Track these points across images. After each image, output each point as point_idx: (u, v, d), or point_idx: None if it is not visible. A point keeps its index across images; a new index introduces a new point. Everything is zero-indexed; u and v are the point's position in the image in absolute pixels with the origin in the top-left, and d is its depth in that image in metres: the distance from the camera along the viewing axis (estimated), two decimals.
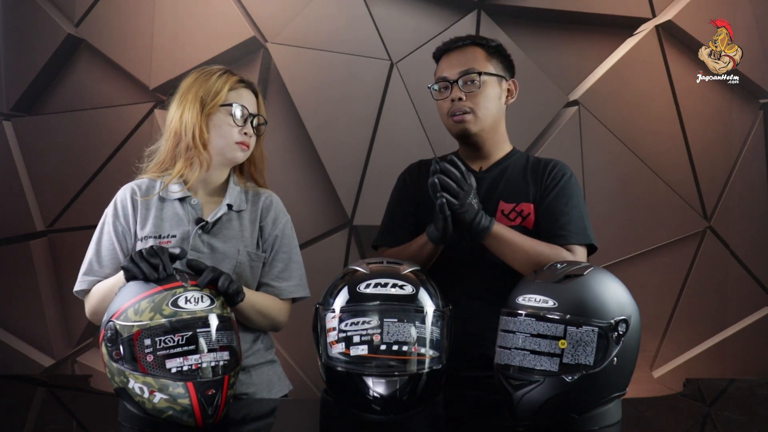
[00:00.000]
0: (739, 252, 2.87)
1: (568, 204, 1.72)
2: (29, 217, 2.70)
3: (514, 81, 1.81)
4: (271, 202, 1.76)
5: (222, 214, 1.68)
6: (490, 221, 1.60)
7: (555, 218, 1.71)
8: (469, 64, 1.73)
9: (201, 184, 1.70)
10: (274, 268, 1.73)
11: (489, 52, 1.77)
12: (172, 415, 1.30)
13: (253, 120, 1.66)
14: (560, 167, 1.78)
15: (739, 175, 2.86)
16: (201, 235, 1.66)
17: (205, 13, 2.69)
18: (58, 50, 2.67)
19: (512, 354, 1.30)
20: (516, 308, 1.33)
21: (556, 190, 1.74)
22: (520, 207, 1.74)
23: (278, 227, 1.75)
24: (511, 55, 1.81)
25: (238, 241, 1.68)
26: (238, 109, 1.63)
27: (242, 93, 1.67)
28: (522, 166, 1.80)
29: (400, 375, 1.28)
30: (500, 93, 1.77)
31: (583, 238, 1.70)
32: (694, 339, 2.88)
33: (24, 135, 2.70)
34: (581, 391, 1.27)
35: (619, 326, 1.29)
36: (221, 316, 1.36)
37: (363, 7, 2.71)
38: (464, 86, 1.72)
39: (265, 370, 1.74)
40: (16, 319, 2.70)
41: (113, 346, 1.32)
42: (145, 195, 1.68)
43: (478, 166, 1.81)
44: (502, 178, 1.78)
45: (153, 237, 1.64)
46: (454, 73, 1.73)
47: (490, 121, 1.75)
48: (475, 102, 1.72)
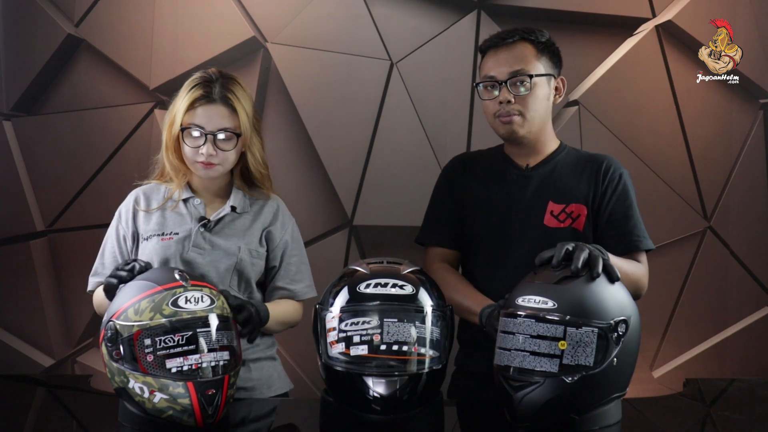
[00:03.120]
0: (739, 252, 2.87)
1: (630, 207, 1.68)
2: (29, 217, 2.70)
3: (562, 79, 1.74)
4: (277, 207, 1.78)
5: (225, 214, 1.71)
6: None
7: (621, 224, 1.67)
8: (519, 63, 1.65)
9: (203, 187, 1.73)
10: (289, 272, 1.77)
11: (539, 49, 1.68)
12: (172, 415, 1.31)
13: (216, 135, 1.61)
14: (615, 166, 1.71)
15: (739, 175, 2.86)
16: (203, 232, 1.68)
17: (205, 13, 2.69)
18: (58, 50, 2.67)
19: (512, 355, 1.30)
20: (515, 309, 1.33)
21: (617, 194, 1.68)
22: (570, 208, 1.68)
23: (287, 232, 1.77)
24: (560, 49, 1.74)
25: (239, 239, 1.70)
26: (193, 131, 1.62)
27: (199, 112, 1.62)
28: (572, 163, 1.73)
29: (400, 375, 1.28)
30: (549, 93, 1.70)
31: (648, 242, 1.68)
32: (694, 339, 2.88)
33: (24, 135, 2.70)
34: (581, 392, 1.27)
35: (619, 327, 1.28)
36: (221, 316, 1.37)
37: (363, 7, 2.71)
38: (513, 88, 1.64)
39: (265, 366, 1.75)
40: (16, 319, 2.70)
41: (113, 346, 1.32)
42: (149, 199, 1.74)
43: (524, 162, 1.74)
44: (551, 177, 1.71)
45: (156, 235, 1.68)
46: (503, 73, 1.65)
47: (539, 122, 1.68)
48: (525, 104, 1.65)
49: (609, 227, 1.67)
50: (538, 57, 1.68)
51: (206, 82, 1.64)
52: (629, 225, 1.67)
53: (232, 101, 1.63)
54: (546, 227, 1.67)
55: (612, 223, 1.67)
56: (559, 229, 1.66)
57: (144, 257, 1.66)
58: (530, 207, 1.69)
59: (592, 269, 1.31)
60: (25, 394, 1.77)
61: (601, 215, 1.68)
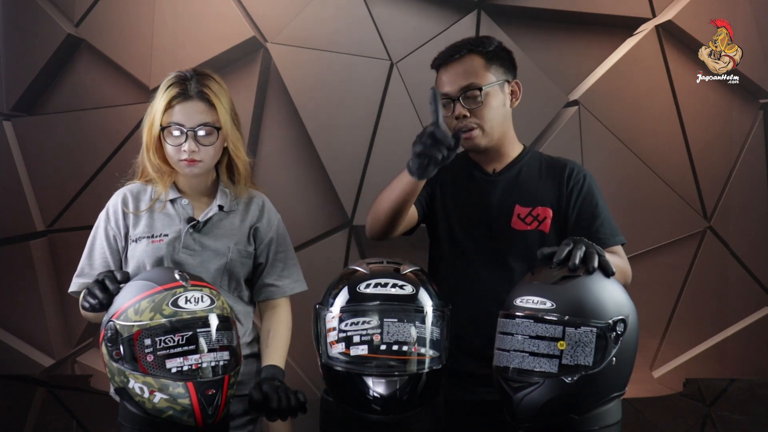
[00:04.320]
0: (739, 252, 2.87)
1: (597, 206, 1.72)
2: (29, 217, 2.70)
3: (517, 82, 1.76)
4: (263, 204, 1.79)
5: (213, 214, 1.72)
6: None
7: (588, 223, 1.71)
8: (470, 78, 1.69)
9: (189, 187, 1.73)
10: (276, 268, 1.78)
11: (488, 59, 1.71)
12: (172, 415, 1.31)
13: (196, 132, 1.62)
14: (578, 169, 1.76)
15: (739, 175, 2.86)
16: (192, 233, 1.69)
17: (205, 13, 2.69)
18: (58, 50, 2.67)
19: (511, 356, 1.30)
20: (514, 310, 1.33)
21: (583, 195, 1.72)
22: (536, 211, 1.73)
23: (272, 228, 1.78)
24: (512, 52, 1.77)
25: (228, 239, 1.71)
26: (173, 130, 1.63)
27: (177, 110, 1.63)
28: (537, 167, 1.77)
29: (400, 375, 1.28)
30: (504, 99, 1.73)
31: (619, 238, 1.73)
32: (694, 339, 2.88)
33: (24, 135, 2.70)
34: (581, 392, 1.27)
35: (618, 326, 1.29)
36: (221, 316, 1.37)
37: (363, 7, 2.71)
38: (466, 102, 1.68)
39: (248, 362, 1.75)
40: (16, 319, 2.70)
41: (113, 346, 1.32)
42: (137, 200, 1.72)
43: (491, 167, 1.79)
44: (517, 181, 1.76)
45: (146, 237, 1.68)
46: (455, 89, 1.69)
47: (498, 130, 1.72)
48: (480, 116, 1.69)
49: (577, 228, 1.71)
50: (487, 67, 1.71)
51: (181, 80, 1.64)
52: (596, 224, 1.71)
53: (209, 95, 1.63)
54: (513, 230, 1.72)
55: (580, 224, 1.71)
56: (526, 232, 1.71)
57: (134, 259, 1.67)
58: (498, 211, 1.74)
59: (588, 263, 1.33)
60: (25, 394, 1.78)
61: (569, 218, 1.73)
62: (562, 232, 1.73)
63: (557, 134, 2.75)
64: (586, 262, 1.35)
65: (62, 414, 1.64)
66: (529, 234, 1.71)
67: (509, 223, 1.73)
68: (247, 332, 1.77)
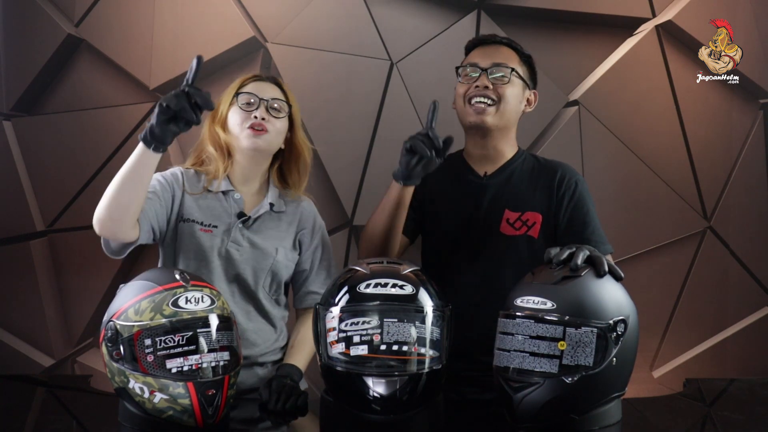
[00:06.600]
0: (739, 252, 2.87)
1: (588, 214, 1.73)
2: (29, 217, 2.70)
3: (535, 93, 1.81)
4: (313, 211, 1.81)
5: (264, 212, 1.72)
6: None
7: (579, 231, 1.71)
8: (503, 58, 1.74)
9: (242, 180, 1.73)
10: (319, 276, 1.79)
11: (521, 58, 1.78)
12: (173, 415, 1.31)
13: (268, 103, 1.68)
14: (570, 174, 1.76)
15: (739, 175, 2.86)
16: (242, 229, 1.69)
17: (205, 13, 2.69)
18: (58, 50, 2.67)
19: (511, 356, 1.30)
20: (514, 310, 1.33)
21: (574, 201, 1.73)
22: (525, 216, 1.72)
23: (318, 236, 1.79)
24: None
25: (276, 241, 1.72)
26: (243, 96, 1.67)
27: (251, 85, 1.70)
28: (528, 170, 1.78)
29: (400, 375, 1.29)
30: (522, 98, 1.77)
31: (608, 246, 1.72)
32: (694, 339, 2.88)
33: (24, 135, 2.70)
34: (581, 392, 1.27)
35: (618, 326, 1.29)
36: (221, 316, 1.37)
37: (363, 7, 2.71)
38: (494, 75, 1.71)
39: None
40: (16, 319, 2.70)
41: (113, 346, 1.32)
42: (191, 181, 1.72)
43: (483, 170, 1.79)
44: (507, 186, 1.76)
45: (197, 222, 1.68)
46: (487, 62, 1.73)
47: (507, 119, 1.74)
48: (501, 93, 1.71)
49: (567, 235, 1.71)
50: (520, 63, 1.77)
51: (253, 75, 1.75)
52: (587, 232, 1.71)
53: (281, 84, 1.75)
54: (502, 235, 1.73)
55: (570, 230, 1.71)
56: (515, 237, 1.71)
57: (184, 239, 1.66)
58: (487, 215, 1.74)
59: (598, 268, 1.34)
60: (25, 394, 1.78)
61: (559, 223, 1.73)
62: (552, 238, 1.72)
63: (557, 134, 2.75)
64: (596, 266, 1.35)
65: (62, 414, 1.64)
66: (518, 239, 1.71)
67: (498, 228, 1.73)
68: (281, 336, 1.77)
